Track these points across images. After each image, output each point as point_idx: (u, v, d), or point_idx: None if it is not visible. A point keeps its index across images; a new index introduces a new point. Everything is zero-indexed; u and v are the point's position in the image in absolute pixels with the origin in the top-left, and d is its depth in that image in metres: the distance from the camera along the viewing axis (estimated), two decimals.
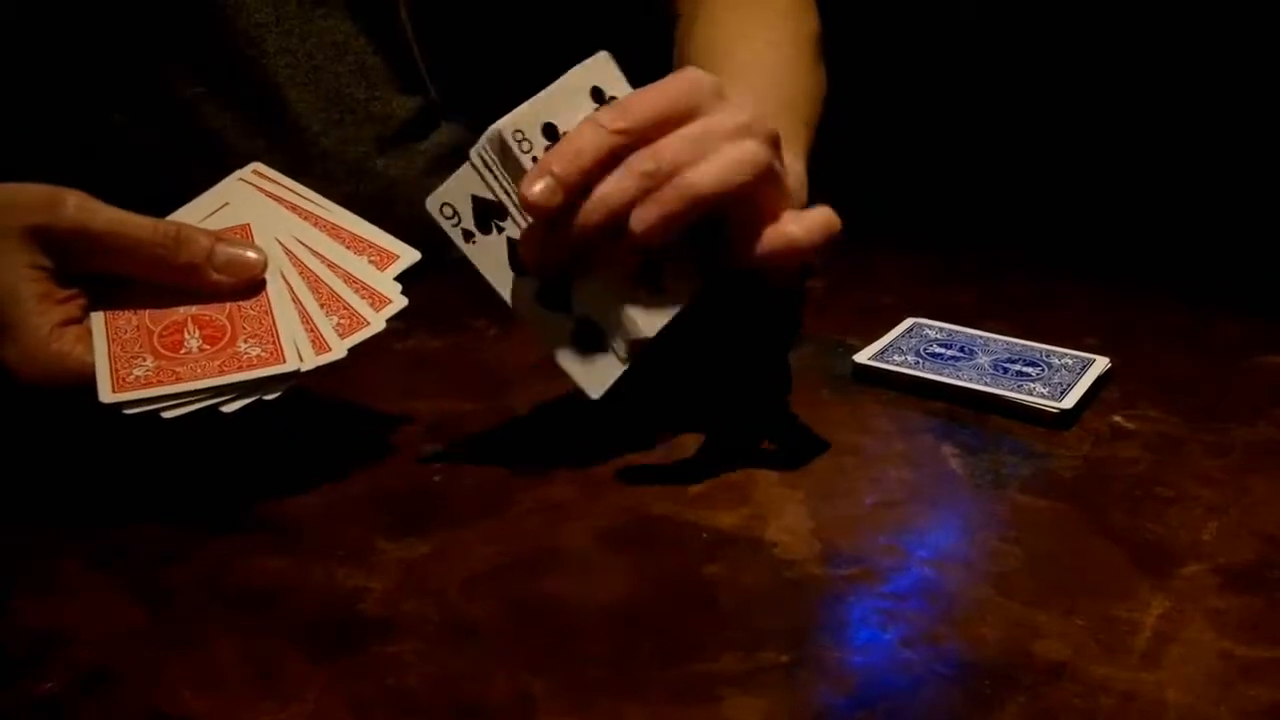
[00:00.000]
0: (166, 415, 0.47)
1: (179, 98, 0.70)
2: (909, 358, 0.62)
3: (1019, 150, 1.10)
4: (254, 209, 0.55)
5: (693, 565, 0.46)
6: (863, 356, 0.63)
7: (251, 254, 0.52)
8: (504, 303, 0.52)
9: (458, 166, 0.84)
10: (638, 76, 0.54)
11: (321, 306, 0.51)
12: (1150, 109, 1.09)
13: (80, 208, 0.49)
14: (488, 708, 0.39)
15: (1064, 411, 0.57)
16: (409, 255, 0.54)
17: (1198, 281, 0.77)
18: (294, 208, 0.55)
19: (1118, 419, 0.58)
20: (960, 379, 0.60)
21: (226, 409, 0.48)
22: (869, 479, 0.53)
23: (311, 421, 0.58)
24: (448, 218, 0.51)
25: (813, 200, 0.59)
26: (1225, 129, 1.06)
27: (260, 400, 0.48)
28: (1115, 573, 0.46)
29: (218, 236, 0.51)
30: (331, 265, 0.53)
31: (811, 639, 0.43)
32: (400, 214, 0.79)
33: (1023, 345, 0.64)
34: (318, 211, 0.55)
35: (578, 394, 0.51)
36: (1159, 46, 1.09)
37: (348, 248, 0.54)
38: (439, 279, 0.78)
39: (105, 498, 0.51)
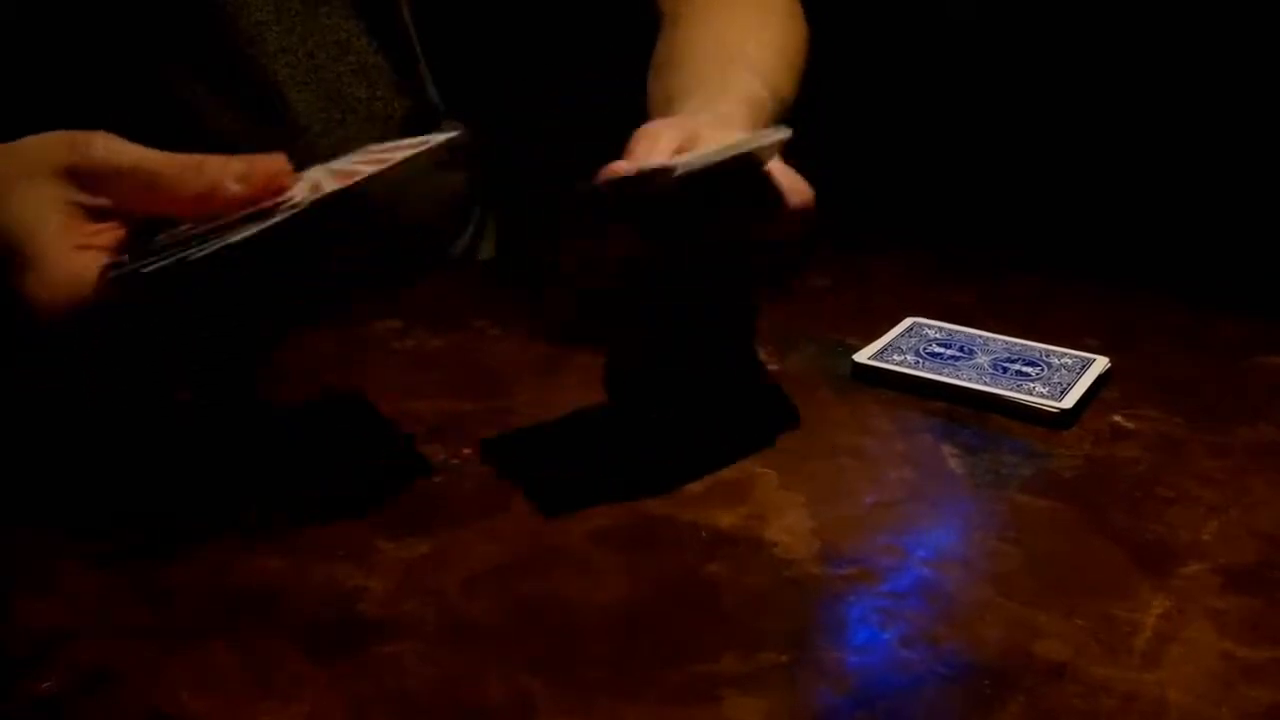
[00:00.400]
0: (145, 270, 0.46)
1: (179, 98, 0.70)
2: (908, 357, 0.62)
3: (1018, 150, 1.10)
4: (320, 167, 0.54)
5: (692, 565, 0.46)
6: (862, 356, 0.62)
7: (272, 157, 0.51)
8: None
9: (459, 167, 0.84)
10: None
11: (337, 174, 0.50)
12: (1150, 109, 1.09)
13: (108, 147, 0.50)
14: (487, 708, 0.39)
15: (1064, 411, 0.57)
16: (450, 132, 0.52)
17: (1198, 281, 0.77)
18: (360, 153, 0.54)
19: (1118, 419, 0.58)
20: (960, 379, 0.60)
21: (199, 253, 0.46)
22: (869, 479, 0.53)
23: (312, 421, 0.58)
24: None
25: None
26: (1225, 129, 1.06)
27: (236, 242, 0.46)
28: (1116, 573, 0.46)
29: (240, 156, 0.51)
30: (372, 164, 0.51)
31: (811, 639, 0.42)
32: (402, 215, 0.80)
33: (1022, 345, 0.64)
34: (381, 149, 0.53)
35: None
36: (1159, 46, 1.09)
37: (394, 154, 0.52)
38: (440, 278, 0.78)
39: (105, 498, 0.51)
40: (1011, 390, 0.59)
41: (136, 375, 0.55)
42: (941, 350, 0.63)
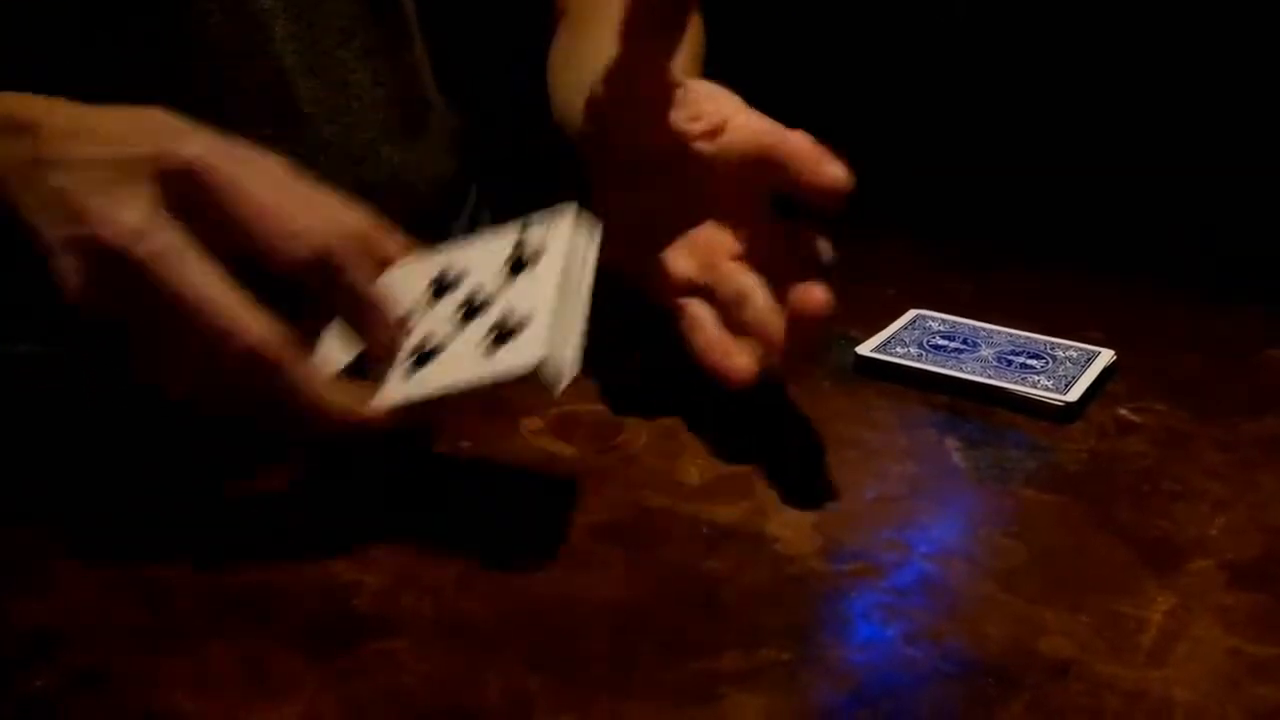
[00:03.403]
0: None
1: (185, 83, 0.69)
2: (912, 350, 0.62)
3: (1023, 140, 1.09)
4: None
5: (693, 561, 0.46)
6: (865, 348, 0.62)
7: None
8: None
9: (456, 154, 0.84)
10: None
11: None
12: (1157, 100, 1.08)
13: (208, 153, 0.48)
14: (484, 707, 0.38)
15: (1068, 404, 0.57)
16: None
17: (1204, 274, 0.76)
18: None
19: (1123, 412, 0.58)
20: (963, 371, 0.59)
21: None
22: (871, 473, 0.52)
23: None
24: None
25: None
26: (1232, 120, 1.05)
27: None
28: (1121, 569, 0.46)
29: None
30: None
31: (813, 636, 0.42)
32: (401, 204, 0.79)
33: (1027, 337, 0.63)
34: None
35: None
36: (1165, 37, 1.08)
37: None
38: None
39: (101, 497, 0.51)
40: (1016, 383, 0.58)
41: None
42: (945, 343, 0.62)
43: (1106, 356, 0.61)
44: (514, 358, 0.42)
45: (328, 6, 0.72)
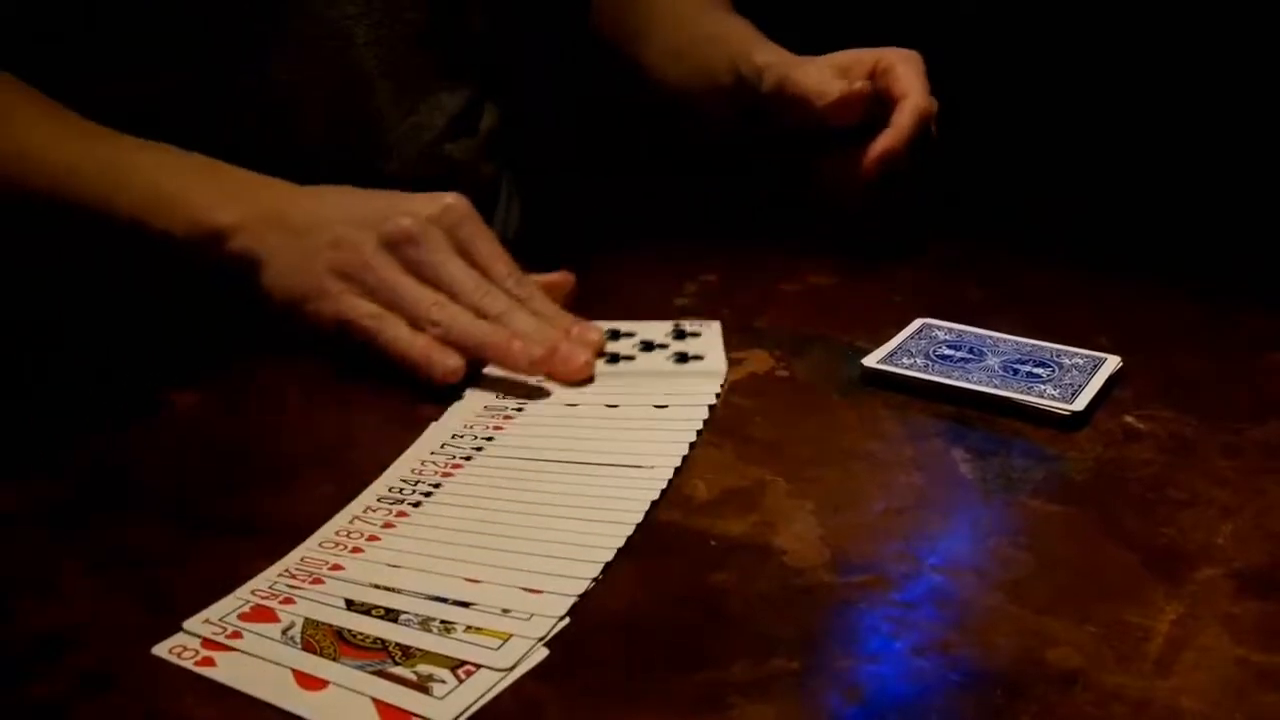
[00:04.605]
0: None
1: (270, 84, 0.71)
2: (918, 360, 0.62)
3: (1027, 146, 1.09)
4: None
5: (701, 573, 0.46)
6: (871, 360, 0.62)
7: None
8: None
9: (505, 149, 0.88)
10: None
11: None
12: (1162, 102, 1.08)
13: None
14: (495, 715, 0.39)
15: (1075, 413, 0.57)
16: None
17: (1210, 279, 0.76)
18: None
19: (1130, 419, 0.58)
20: (970, 381, 0.60)
21: None
22: (878, 484, 0.53)
23: (313, 420, 0.58)
24: None
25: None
26: (1238, 123, 1.05)
27: None
28: (1128, 578, 0.46)
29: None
30: None
31: (822, 647, 0.42)
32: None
33: (1033, 345, 0.63)
34: None
35: None
36: (1171, 39, 1.08)
37: None
38: None
39: (106, 499, 0.51)
40: (1022, 393, 0.58)
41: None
42: (951, 352, 0.63)
43: (1113, 363, 0.61)
44: (704, 367, 0.63)
45: (405, 14, 0.75)
